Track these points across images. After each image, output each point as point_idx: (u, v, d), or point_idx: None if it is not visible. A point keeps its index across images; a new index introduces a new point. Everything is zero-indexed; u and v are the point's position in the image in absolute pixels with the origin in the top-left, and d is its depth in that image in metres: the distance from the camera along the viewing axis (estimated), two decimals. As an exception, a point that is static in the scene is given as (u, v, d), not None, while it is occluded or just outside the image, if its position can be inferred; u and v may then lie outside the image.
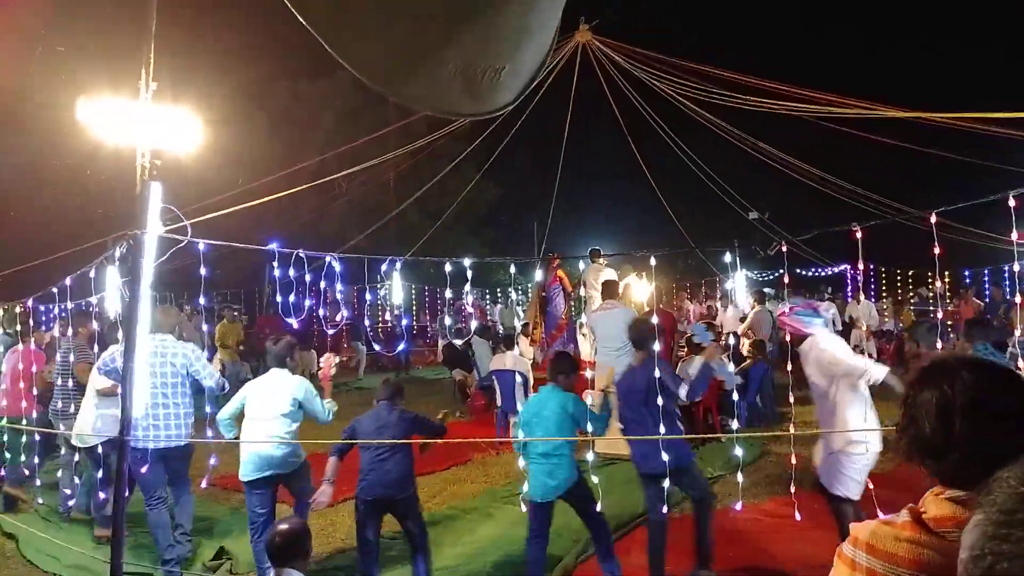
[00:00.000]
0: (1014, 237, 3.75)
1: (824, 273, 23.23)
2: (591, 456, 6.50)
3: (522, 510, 5.74)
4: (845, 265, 20.78)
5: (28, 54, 15.23)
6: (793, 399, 5.37)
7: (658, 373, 4.80)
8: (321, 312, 5.59)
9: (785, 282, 5.66)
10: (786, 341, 8.46)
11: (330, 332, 7.50)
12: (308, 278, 5.35)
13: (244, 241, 5.75)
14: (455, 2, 2.13)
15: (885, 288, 22.20)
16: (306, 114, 23.39)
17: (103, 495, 6.03)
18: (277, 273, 5.27)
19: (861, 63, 33.22)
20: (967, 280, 18.22)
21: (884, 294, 21.52)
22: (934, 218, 4.21)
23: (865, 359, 5.13)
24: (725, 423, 9.44)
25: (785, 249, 5.35)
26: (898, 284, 22.03)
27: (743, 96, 9.74)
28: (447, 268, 6.22)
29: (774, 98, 9.28)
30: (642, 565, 5.22)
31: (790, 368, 5.70)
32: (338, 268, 5.21)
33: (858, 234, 4.70)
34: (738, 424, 8.68)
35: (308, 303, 5.63)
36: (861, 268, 5.95)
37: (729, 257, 6.98)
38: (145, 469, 5.25)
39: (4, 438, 7.27)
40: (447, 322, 15.69)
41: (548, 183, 14.47)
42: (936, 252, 4.41)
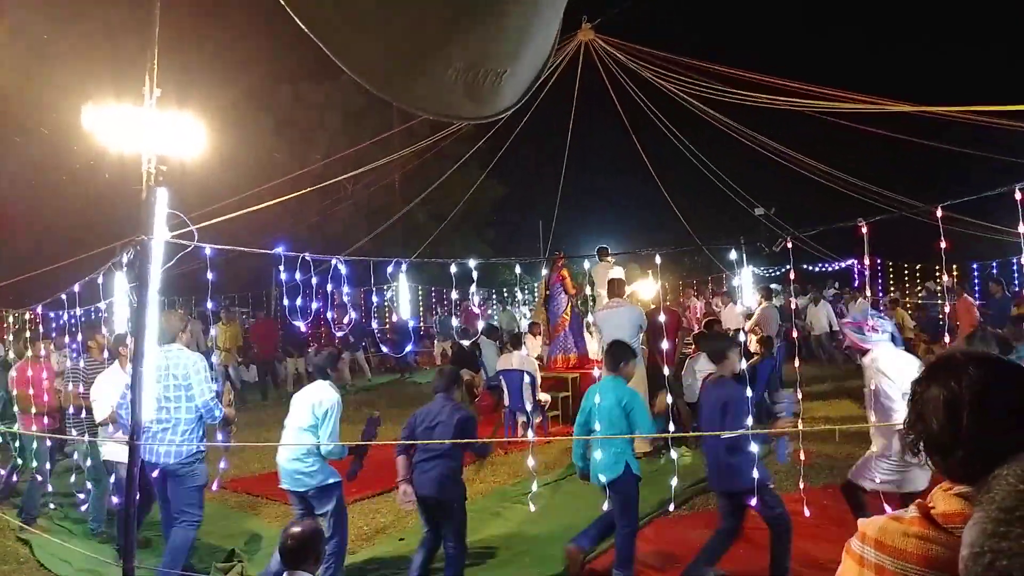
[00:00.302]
0: (1021, 230, 3.73)
1: (831, 268, 23.15)
2: (597, 455, 6.50)
3: (531, 509, 5.76)
4: (852, 260, 20.71)
5: (32, 60, 15.32)
6: (801, 395, 5.36)
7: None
8: (329, 315, 5.58)
9: (791, 278, 5.66)
10: (792, 338, 8.44)
11: (338, 335, 7.51)
12: (315, 281, 5.32)
13: (250, 245, 5.75)
14: (455, 5, 2.14)
15: (893, 282, 22.09)
16: (310, 117, 23.43)
17: (116, 499, 5.99)
18: (284, 276, 5.23)
19: (865, 59, 33.17)
20: (975, 274, 18.11)
21: (892, 289, 21.42)
22: (940, 212, 4.19)
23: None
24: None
25: (790, 245, 5.34)
26: (905, 279, 21.93)
27: (747, 93, 9.72)
28: (452, 269, 6.22)
29: (778, 94, 9.26)
30: (651, 564, 5.22)
31: (798, 364, 5.70)
32: (344, 271, 5.20)
33: (864, 229, 4.69)
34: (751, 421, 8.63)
35: (316, 305, 5.57)
36: (868, 263, 5.93)
37: (735, 254, 6.98)
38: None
39: (21, 450, 7.20)
40: (453, 323, 15.66)
41: (553, 182, 14.49)
42: (943, 246, 4.40)
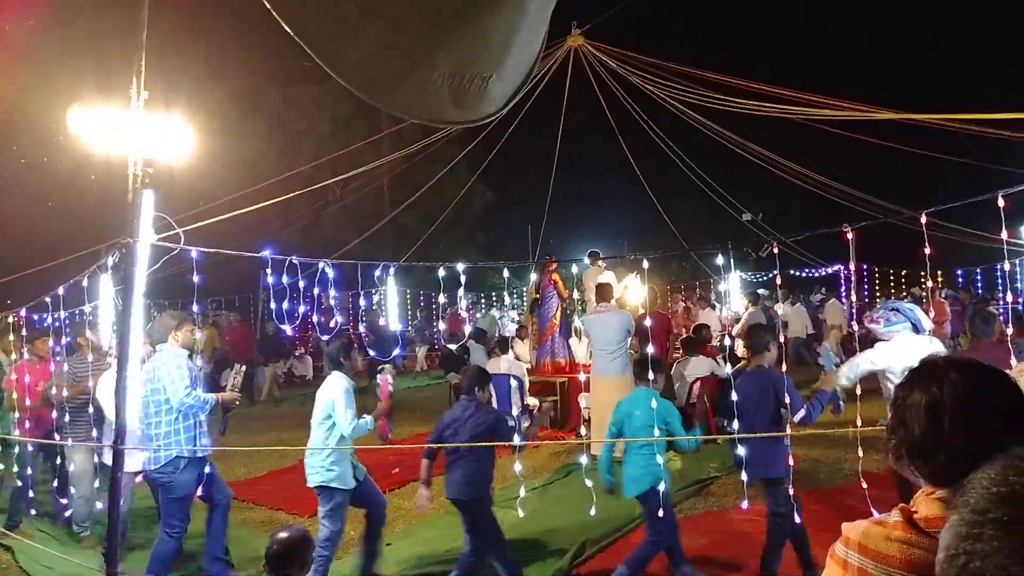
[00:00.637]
0: (1004, 236, 3.78)
1: (818, 274, 23.31)
2: (585, 459, 6.51)
3: (519, 515, 5.74)
4: (838, 266, 20.86)
5: (18, 62, 15.19)
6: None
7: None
8: (315, 318, 5.54)
9: (778, 283, 5.69)
10: (780, 342, 8.46)
11: (324, 338, 7.47)
12: (302, 284, 5.28)
13: (238, 249, 5.71)
14: (441, 10, 2.14)
15: (879, 288, 22.26)
16: (299, 120, 23.36)
17: (100, 504, 5.94)
18: (271, 280, 5.19)
19: (853, 65, 33.43)
20: (959, 279, 18.28)
21: (877, 294, 21.57)
22: (924, 218, 4.22)
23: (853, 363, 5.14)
24: (722, 424, 9.44)
25: (777, 250, 5.37)
26: (891, 284, 22.10)
27: (735, 99, 9.78)
28: (441, 273, 6.20)
29: (765, 100, 9.32)
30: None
31: (785, 368, 5.71)
32: (331, 275, 5.17)
33: (849, 235, 4.72)
34: (738, 425, 8.67)
35: (303, 309, 5.54)
36: (854, 268, 5.97)
37: (722, 259, 7.01)
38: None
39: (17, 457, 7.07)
40: (442, 327, 15.63)
41: (542, 187, 14.51)
42: (927, 252, 4.44)
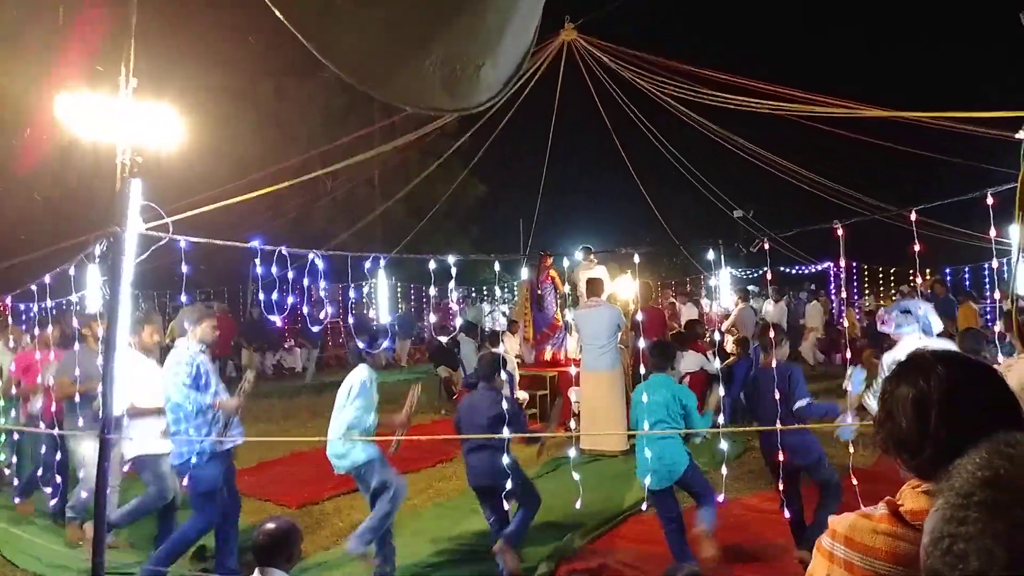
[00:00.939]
0: (992, 234, 3.80)
1: (808, 271, 23.41)
2: (573, 452, 6.52)
3: (506, 507, 5.74)
4: (828, 263, 20.97)
5: (4, 47, 15.00)
6: (779, 395, 5.38)
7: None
8: (305, 310, 5.49)
9: (768, 279, 5.71)
10: (769, 338, 8.50)
11: (315, 329, 7.43)
12: (291, 275, 5.26)
13: (228, 240, 5.66)
14: (435, -3, 2.13)
15: (868, 286, 22.39)
16: (291, 112, 23.21)
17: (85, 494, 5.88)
18: (260, 271, 5.16)
19: (850, 61, 33.55)
20: (948, 278, 18.39)
21: (866, 291, 21.70)
22: (914, 215, 4.25)
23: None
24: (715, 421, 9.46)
25: (767, 246, 5.39)
26: (880, 282, 22.23)
27: (727, 95, 9.78)
28: (431, 265, 6.19)
29: (757, 97, 9.33)
30: (627, 561, 5.24)
31: (775, 364, 5.73)
32: (321, 266, 5.14)
33: (839, 231, 4.74)
34: (723, 419, 8.71)
35: (292, 300, 5.51)
36: (843, 265, 6.00)
37: (712, 254, 7.02)
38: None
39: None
40: (432, 319, 15.57)
41: (534, 181, 14.50)
42: (916, 249, 4.46)
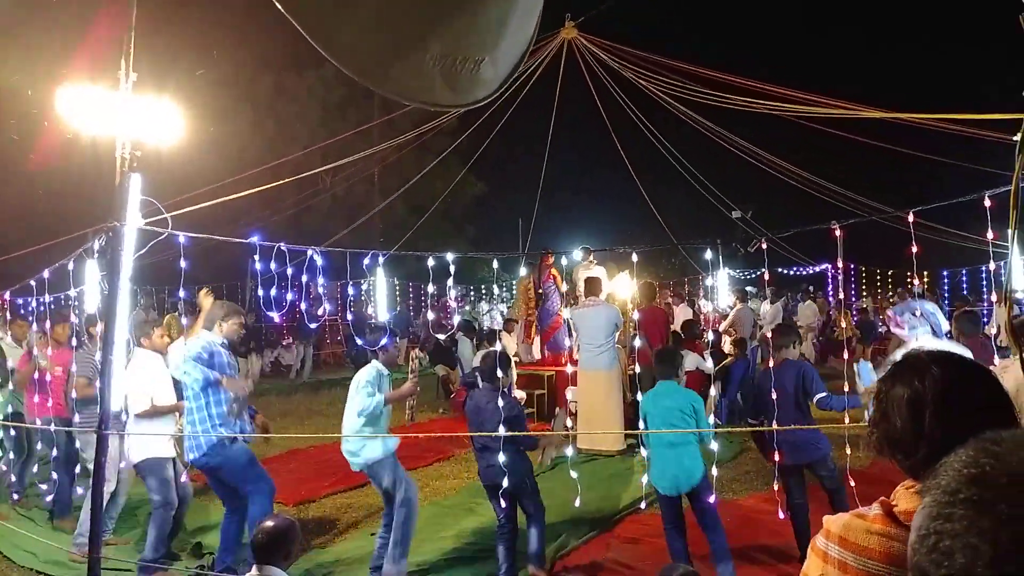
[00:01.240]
0: (990, 237, 3.80)
1: (805, 272, 23.45)
2: (570, 452, 6.53)
3: (502, 505, 5.74)
4: (826, 264, 20.99)
5: (5, 41, 14.97)
6: (776, 396, 5.39)
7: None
8: (303, 306, 5.49)
9: (766, 280, 5.72)
10: (767, 337, 8.53)
11: (312, 326, 7.43)
12: (290, 272, 5.26)
13: (227, 235, 5.67)
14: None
15: (865, 287, 22.44)
16: (290, 107, 23.17)
17: (81, 490, 5.88)
18: (259, 267, 5.16)
19: (847, 62, 33.57)
20: (945, 280, 18.43)
21: (864, 293, 21.74)
22: (912, 217, 4.25)
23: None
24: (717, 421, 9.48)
25: (765, 246, 5.39)
26: (878, 283, 22.28)
27: (726, 95, 9.79)
28: (430, 263, 6.20)
29: (757, 97, 9.34)
30: (624, 560, 5.26)
31: (771, 364, 5.75)
32: (320, 262, 5.14)
33: (837, 232, 4.75)
34: (714, 420, 8.72)
35: (291, 296, 5.51)
36: (841, 266, 6.02)
37: (710, 254, 7.03)
38: None
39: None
40: (430, 317, 15.53)
41: (533, 179, 14.51)
42: (914, 251, 4.46)
